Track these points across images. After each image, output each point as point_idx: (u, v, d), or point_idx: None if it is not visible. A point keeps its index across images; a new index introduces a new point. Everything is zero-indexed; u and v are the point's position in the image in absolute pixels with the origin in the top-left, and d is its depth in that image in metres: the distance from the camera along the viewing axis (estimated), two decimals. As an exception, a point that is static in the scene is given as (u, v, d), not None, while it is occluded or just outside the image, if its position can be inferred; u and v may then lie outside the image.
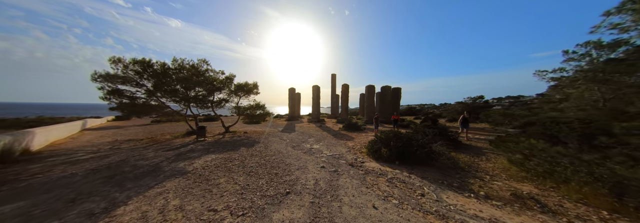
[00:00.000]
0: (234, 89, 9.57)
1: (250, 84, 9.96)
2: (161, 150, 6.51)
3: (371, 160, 5.09)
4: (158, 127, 13.36)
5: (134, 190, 3.33)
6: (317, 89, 16.52)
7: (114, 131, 11.43)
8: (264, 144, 7.42)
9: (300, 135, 9.60)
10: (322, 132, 10.94)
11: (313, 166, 4.67)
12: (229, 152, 6.15)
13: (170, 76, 8.15)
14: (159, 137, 9.17)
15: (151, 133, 10.22)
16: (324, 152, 6.23)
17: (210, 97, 9.08)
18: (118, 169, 4.47)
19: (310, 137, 9.23)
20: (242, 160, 5.17)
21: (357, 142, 7.71)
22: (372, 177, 3.89)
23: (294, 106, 19.44)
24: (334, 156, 5.66)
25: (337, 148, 6.66)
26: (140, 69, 7.80)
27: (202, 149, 6.54)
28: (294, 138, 8.72)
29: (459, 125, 8.11)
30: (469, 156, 5.30)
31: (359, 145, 7.05)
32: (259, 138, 8.89)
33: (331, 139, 8.51)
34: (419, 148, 4.56)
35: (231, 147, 6.94)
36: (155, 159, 5.30)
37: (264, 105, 10.57)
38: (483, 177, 3.85)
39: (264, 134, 9.90)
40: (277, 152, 6.20)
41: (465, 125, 7.93)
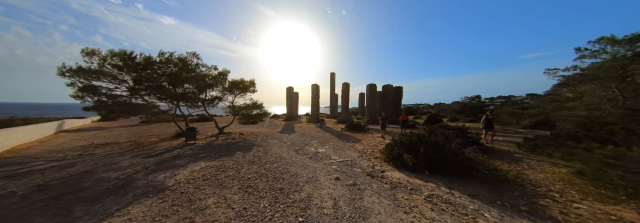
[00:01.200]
0: (228, 87, 8.49)
1: (247, 81, 8.92)
2: (141, 156, 5.41)
3: (392, 169, 4.21)
4: (145, 128, 12.06)
5: (81, 221, 2.30)
6: (317, 88, 15.59)
7: (94, 133, 10.10)
8: (262, 148, 6.43)
9: (302, 137, 8.64)
10: (324, 133, 10.02)
11: (325, 177, 3.74)
12: (222, 158, 5.13)
13: (156, 71, 7.01)
14: (144, 139, 8.00)
15: (135, 136, 9.00)
16: (332, 157, 5.32)
17: (201, 94, 7.98)
18: (75, 185, 3.39)
19: (313, 138, 8.29)
20: (238, 170, 4.18)
21: (366, 145, 6.83)
22: (404, 194, 3.00)
23: (292, 106, 18.42)
24: (346, 163, 4.75)
25: (347, 153, 5.75)
26: (120, 62, 6.63)
27: (191, 155, 5.48)
28: (295, 141, 7.76)
29: (482, 126, 7.06)
30: (504, 163, 4.44)
31: (370, 149, 6.17)
32: (256, 140, 7.88)
33: (336, 141, 7.61)
34: (452, 155, 3.71)
35: (225, 151, 5.91)
36: (129, 169, 4.23)
37: (261, 105, 9.54)
38: (550, 194, 2.96)
39: (262, 136, 8.88)
40: (279, 157, 5.23)
41: (490, 127, 6.89)
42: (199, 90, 7.71)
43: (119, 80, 7.01)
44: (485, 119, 7.00)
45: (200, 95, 7.88)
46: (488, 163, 3.80)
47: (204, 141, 7.56)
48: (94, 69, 6.50)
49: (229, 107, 8.67)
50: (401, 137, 4.64)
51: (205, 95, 8.32)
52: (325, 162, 4.81)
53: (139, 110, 7.72)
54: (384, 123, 8.01)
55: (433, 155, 3.75)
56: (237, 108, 8.71)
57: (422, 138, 4.21)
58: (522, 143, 5.27)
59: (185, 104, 7.65)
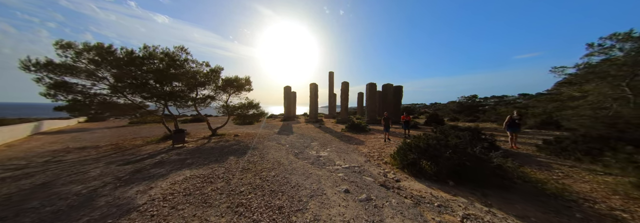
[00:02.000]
0: (221, 85, 7.74)
1: (242, 79, 8.18)
2: (118, 162, 4.63)
3: (408, 177, 3.60)
4: (133, 130, 11.14)
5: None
6: (315, 87, 14.94)
7: (75, 135, 9.15)
8: (258, 151, 5.74)
9: (301, 138, 7.97)
10: (324, 133, 9.37)
11: (332, 189, 3.09)
12: (212, 164, 4.41)
13: (139, 67, 6.21)
14: (127, 142, 7.17)
15: (120, 138, 8.14)
16: (336, 162, 4.67)
17: (191, 93, 7.20)
18: (16, 206, 2.63)
19: (313, 140, 7.64)
20: (228, 180, 3.49)
21: (372, 148, 6.21)
22: (433, 214, 2.38)
23: (290, 106, 17.70)
24: (353, 169, 4.11)
25: (352, 157, 5.12)
26: (97, 57, 5.81)
27: (176, 161, 4.74)
28: (294, 143, 7.09)
29: (505, 128, 5.87)
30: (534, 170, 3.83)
31: (377, 152, 5.56)
32: (252, 142, 7.16)
33: (338, 143, 6.97)
34: (479, 161, 3.12)
35: (216, 156, 5.19)
36: (97, 181, 3.47)
37: (257, 104, 8.83)
38: (616, 215, 2.36)
39: (258, 137, 8.17)
40: (277, 163, 4.56)
41: (515, 128, 5.71)
42: (189, 89, 6.93)
43: (98, 77, 6.18)
44: (510, 120, 5.72)
45: (190, 94, 7.10)
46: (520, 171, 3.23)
47: (195, 144, 6.80)
48: (68, 64, 5.66)
49: (223, 107, 7.90)
50: (416, 139, 4.03)
51: (196, 94, 7.55)
52: (330, 169, 4.16)
53: (121, 110, 6.89)
54: (387, 124, 7.19)
55: (458, 161, 3.15)
56: (231, 108, 7.96)
57: (442, 141, 3.61)
58: (543, 145, 4.76)
59: (174, 104, 6.86)
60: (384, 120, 7.17)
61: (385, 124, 7.14)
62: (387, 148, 6.00)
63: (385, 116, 7.30)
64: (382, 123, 7.22)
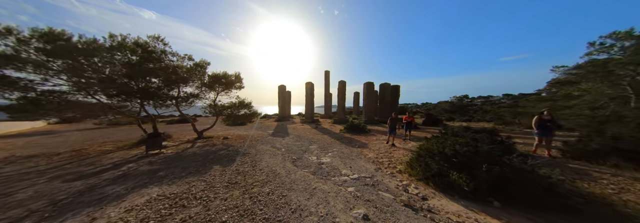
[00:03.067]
0: (208, 81, 6.70)
1: (231, 75, 7.17)
2: (68, 176, 3.57)
3: (435, 193, 2.86)
4: (108, 132, 9.77)
5: None
6: (311, 86, 14.08)
7: (31, 140, 7.73)
8: (250, 157, 4.83)
9: (298, 141, 7.11)
10: (323, 135, 8.56)
11: (346, 215, 2.29)
12: (190, 178, 3.47)
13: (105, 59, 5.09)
14: (94, 148, 5.98)
15: (87, 142, 6.89)
16: (342, 171, 3.88)
17: (171, 91, 6.11)
18: None
19: (311, 143, 6.80)
20: (208, 202, 2.59)
21: (378, 152, 5.47)
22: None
23: (285, 105, 16.73)
24: (364, 181, 3.33)
25: (358, 164, 4.34)
26: (47, 45, 4.64)
27: (145, 173, 3.74)
28: (291, 146, 6.22)
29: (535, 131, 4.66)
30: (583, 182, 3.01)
31: (386, 158, 4.81)
32: (243, 146, 6.22)
33: (339, 146, 6.18)
34: (525, 174, 2.44)
35: (198, 165, 4.23)
36: (19, 208, 2.45)
37: (250, 104, 7.85)
38: None
39: (250, 140, 7.22)
40: (272, 173, 3.70)
41: (546, 132, 4.52)
42: (167, 86, 5.84)
43: (53, 71, 4.98)
44: (539, 120, 4.53)
45: (170, 91, 6.01)
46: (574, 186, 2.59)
47: (175, 149, 5.75)
48: (8, 53, 4.46)
49: (210, 107, 6.86)
50: (436, 144, 3.31)
51: (178, 91, 6.46)
52: (337, 181, 3.36)
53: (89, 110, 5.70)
54: (393, 126, 6.16)
55: (501, 174, 2.45)
56: (219, 107, 6.94)
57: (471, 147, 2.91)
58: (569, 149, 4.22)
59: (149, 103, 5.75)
60: (391, 122, 6.15)
61: (392, 126, 6.14)
62: (395, 153, 5.29)
63: (393, 117, 6.22)
64: (388, 125, 6.19)
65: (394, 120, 6.23)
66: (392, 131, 6.20)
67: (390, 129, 6.21)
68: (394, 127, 6.16)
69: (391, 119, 6.22)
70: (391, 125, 6.19)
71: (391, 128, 6.20)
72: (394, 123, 6.22)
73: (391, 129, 6.20)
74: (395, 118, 6.27)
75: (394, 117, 6.25)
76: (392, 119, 6.22)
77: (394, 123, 6.21)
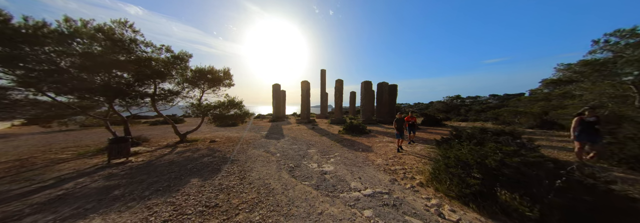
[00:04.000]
0: (191, 77, 5.71)
1: (219, 71, 6.22)
2: (-18, 201, 2.56)
3: (480, 219, 2.15)
4: (75, 136, 8.47)
5: None
6: (307, 85, 13.25)
7: (-20, 144, 6.39)
8: (238, 166, 3.96)
9: (294, 144, 6.29)
10: (321, 137, 7.78)
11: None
12: (154, 198, 2.58)
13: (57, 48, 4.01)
14: (47, 156, 4.86)
15: (42, 148, 5.70)
16: (351, 183, 3.11)
17: (143, 87, 5.07)
18: None
19: (309, 146, 6.00)
20: (168, 243, 1.73)
21: (386, 157, 4.75)
22: None
23: (279, 105, 15.79)
24: (382, 199, 2.58)
25: (369, 173, 3.59)
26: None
27: (94, 192, 2.79)
28: (287, 150, 5.39)
29: (574, 134, 3.51)
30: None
31: (397, 165, 4.09)
32: (231, 151, 5.31)
33: (341, 150, 5.42)
34: (602, 195, 1.77)
35: (170, 178, 3.31)
36: None
37: (240, 103, 6.92)
38: None
39: (241, 143, 6.31)
40: (265, 189, 2.87)
41: (591, 136, 3.39)
42: (138, 81, 4.80)
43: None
44: (580, 121, 3.44)
45: (140, 87, 4.96)
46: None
47: (148, 156, 4.75)
48: None
49: (193, 106, 5.85)
50: (471, 153, 2.61)
51: (155, 88, 5.43)
52: (347, 199, 2.58)
53: (38, 109, 4.56)
54: (401, 127, 5.16)
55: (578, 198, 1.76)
56: (205, 107, 5.96)
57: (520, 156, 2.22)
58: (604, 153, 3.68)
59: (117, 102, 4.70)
60: (397, 123, 5.21)
61: (399, 127, 5.18)
62: (405, 158, 4.59)
63: (399, 117, 5.26)
64: (395, 127, 5.23)
65: (401, 122, 5.32)
66: (400, 134, 5.23)
67: (399, 132, 5.24)
68: (402, 128, 5.30)
69: (398, 120, 5.28)
70: (399, 127, 5.24)
71: (399, 130, 5.24)
72: (402, 124, 5.32)
73: (400, 132, 5.24)
74: (402, 119, 5.36)
75: (400, 118, 5.32)
76: (398, 120, 5.29)
77: (401, 125, 5.30)
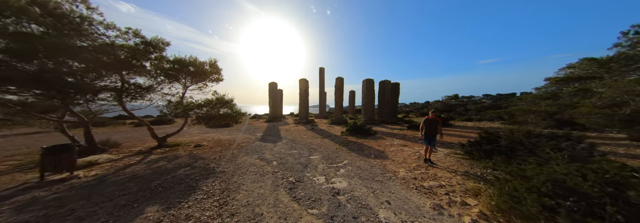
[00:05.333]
0: (169, 69, 4.55)
1: (204, 63, 5.10)
2: None
3: None
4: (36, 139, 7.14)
5: None
6: (305, 83, 12.21)
7: None
8: (221, 182, 2.89)
9: (293, 148, 5.25)
10: (322, 139, 6.77)
11: None
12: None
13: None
14: (-25, 168, 3.63)
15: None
16: (377, 211, 2.11)
17: (100, 80, 3.85)
18: None
19: (311, 150, 4.98)
20: None
21: (405, 165, 3.78)
22: None
23: (276, 104, 14.67)
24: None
25: (397, 193, 2.60)
26: None
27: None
28: (285, 157, 4.35)
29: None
30: None
31: (431, 179, 3.11)
32: (218, 158, 4.22)
33: (350, 156, 4.42)
34: None
35: (117, 206, 2.22)
36: None
37: (231, 101, 5.81)
38: None
39: (231, 147, 5.22)
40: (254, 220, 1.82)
41: None
42: (93, 72, 3.60)
43: None
44: None
45: (97, 80, 3.76)
46: None
47: (108, 167, 3.60)
48: None
49: (171, 104, 4.68)
50: (580, 172, 1.64)
51: (122, 82, 4.25)
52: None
53: None
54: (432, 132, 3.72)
55: None
56: (185, 105, 4.82)
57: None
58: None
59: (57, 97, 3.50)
60: (426, 126, 3.70)
61: (429, 132, 3.69)
62: (434, 170, 3.63)
63: (430, 118, 3.74)
64: (422, 130, 3.75)
65: (433, 124, 3.70)
66: (430, 141, 3.66)
67: (426, 138, 3.68)
68: (433, 133, 3.69)
69: (429, 122, 3.70)
70: (428, 132, 3.67)
71: (427, 136, 3.67)
72: (433, 128, 3.69)
73: (427, 138, 3.67)
74: (434, 120, 3.73)
75: (431, 118, 3.73)
76: (429, 122, 3.70)
77: (432, 129, 3.69)
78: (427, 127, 3.75)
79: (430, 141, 3.69)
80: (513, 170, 1.99)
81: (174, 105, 4.63)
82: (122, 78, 4.24)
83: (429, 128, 3.73)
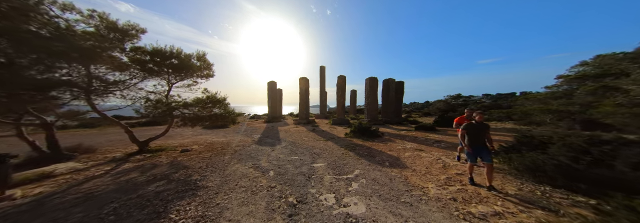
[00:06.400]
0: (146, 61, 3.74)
1: (190, 56, 4.32)
2: None
3: None
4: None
5: None
6: (306, 82, 11.44)
7: None
8: (200, 206, 2.11)
9: (294, 153, 4.47)
10: (326, 141, 6.00)
11: None
12: None
13: None
14: None
15: None
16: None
17: (49, 71, 3.02)
18: None
19: (314, 156, 4.21)
20: None
21: (430, 176, 3.02)
22: None
23: (275, 104, 13.89)
24: None
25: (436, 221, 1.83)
26: None
27: None
28: (284, 164, 3.57)
29: None
30: None
31: (475, 200, 2.34)
32: (204, 168, 3.45)
33: (360, 163, 3.65)
34: None
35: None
36: None
37: (224, 100, 5.02)
38: None
39: (224, 152, 4.45)
40: None
41: None
42: (36, 63, 2.75)
43: None
44: None
45: (48, 72, 2.95)
46: None
47: (62, 182, 2.82)
48: None
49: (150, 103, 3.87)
50: None
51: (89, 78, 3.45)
52: None
53: None
54: (479, 140, 2.50)
55: None
56: (167, 104, 4.02)
57: None
58: None
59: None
60: (470, 133, 2.54)
61: (475, 140, 2.51)
62: (474, 186, 2.86)
63: (476, 122, 2.56)
64: (464, 143, 2.63)
65: (480, 130, 2.52)
66: (479, 153, 2.47)
67: (476, 149, 2.49)
68: (482, 143, 2.50)
69: (473, 127, 2.53)
70: (475, 140, 2.50)
71: (476, 146, 2.50)
72: (482, 135, 2.51)
73: (477, 149, 2.49)
74: (482, 124, 2.53)
75: (477, 123, 2.54)
76: (475, 127, 2.53)
77: (480, 137, 2.51)
78: (471, 134, 2.50)
79: (481, 153, 2.42)
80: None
81: (153, 104, 3.83)
82: (88, 72, 3.45)
83: (474, 136, 2.48)
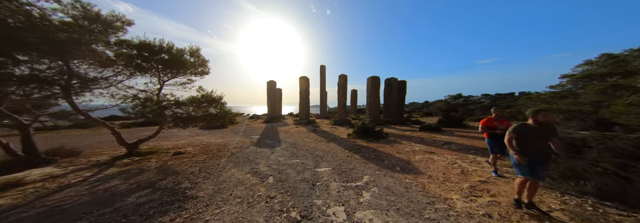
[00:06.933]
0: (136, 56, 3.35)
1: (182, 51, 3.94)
2: None
3: None
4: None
5: None
6: (306, 81, 11.07)
7: None
8: (188, 220, 1.73)
9: (295, 156, 4.10)
10: (328, 143, 5.64)
11: None
12: None
13: None
14: None
15: None
16: None
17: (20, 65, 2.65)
18: None
19: (317, 159, 3.84)
20: None
21: (451, 184, 2.66)
22: None
23: (275, 104, 13.51)
24: None
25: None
26: None
27: None
28: (285, 169, 3.20)
29: None
30: None
31: (517, 219, 1.99)
32: (196, 173, 3.07)
33: (368, 168, 3.29)
34: None
35: None
36: None
37: (220, 99, 4.64)
38: None
39: (219, 155, 4.07)
40: None
41: None
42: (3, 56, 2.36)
43: None
44: None
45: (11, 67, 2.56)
46: None
47: (30, 192, 2.44)
48: None
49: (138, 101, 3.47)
50: None
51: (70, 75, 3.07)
52: None
53: None
54: (539, 150, 1.70)
55: None
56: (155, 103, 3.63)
57: None
58: None
59: None
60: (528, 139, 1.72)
61: (535, 150, 1.71)
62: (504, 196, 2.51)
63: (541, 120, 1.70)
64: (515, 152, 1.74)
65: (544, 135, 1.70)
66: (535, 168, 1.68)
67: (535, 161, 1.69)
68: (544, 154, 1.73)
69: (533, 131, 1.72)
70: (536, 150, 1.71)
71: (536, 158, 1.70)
72: (545, 143, 1.70)
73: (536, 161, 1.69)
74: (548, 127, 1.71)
75: (541, 125, 1.71)
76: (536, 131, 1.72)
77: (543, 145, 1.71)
78: (528, 139, 1.70)
79: (537, 167, 1.66)
80: None
81: (141, 102, 3.44)
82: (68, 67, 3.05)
83: (533, 142, 1.69)
